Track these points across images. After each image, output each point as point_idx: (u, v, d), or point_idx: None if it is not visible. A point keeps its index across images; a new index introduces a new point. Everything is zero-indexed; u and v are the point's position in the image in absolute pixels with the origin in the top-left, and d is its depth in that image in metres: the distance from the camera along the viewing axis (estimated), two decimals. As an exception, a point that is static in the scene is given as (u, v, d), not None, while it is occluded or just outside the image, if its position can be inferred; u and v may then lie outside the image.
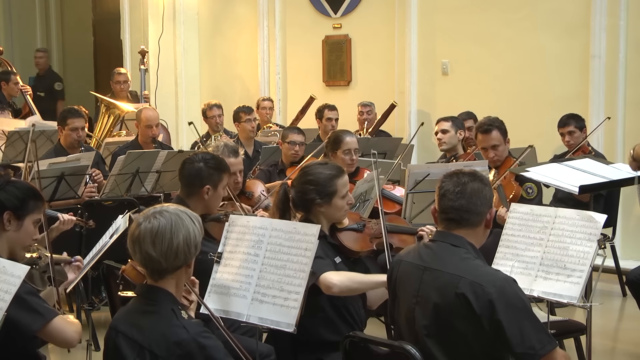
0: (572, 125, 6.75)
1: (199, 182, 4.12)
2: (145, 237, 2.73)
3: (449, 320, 2.92)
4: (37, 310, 3.13)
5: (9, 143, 6.68)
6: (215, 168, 4.16)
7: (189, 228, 2.77)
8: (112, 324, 2.84)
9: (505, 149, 5.45)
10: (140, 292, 2.85)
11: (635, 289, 5.10)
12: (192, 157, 4.24)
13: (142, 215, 2.79)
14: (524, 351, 2.83)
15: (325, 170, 3.74)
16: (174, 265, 2.76)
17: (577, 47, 7.60)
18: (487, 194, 3.06)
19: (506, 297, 2.85)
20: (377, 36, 9.01)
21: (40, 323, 3.13)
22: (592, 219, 3.53)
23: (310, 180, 3.71)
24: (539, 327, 2.87)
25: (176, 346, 2.67)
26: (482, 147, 5.49)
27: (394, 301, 3.19)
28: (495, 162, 5.40)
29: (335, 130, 5.90)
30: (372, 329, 3.88)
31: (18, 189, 3.33)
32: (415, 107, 8.69)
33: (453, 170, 3.12)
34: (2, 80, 8.86)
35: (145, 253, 2.74)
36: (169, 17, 10.40)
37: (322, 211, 3.69)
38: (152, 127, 7.04)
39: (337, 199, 3.69)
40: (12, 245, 3.31)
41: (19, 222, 3.30)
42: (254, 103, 8.82)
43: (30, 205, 3.33)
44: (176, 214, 2.77)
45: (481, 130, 5.46)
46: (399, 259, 3.22)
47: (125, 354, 2.72)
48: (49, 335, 3.19)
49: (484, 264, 3.02)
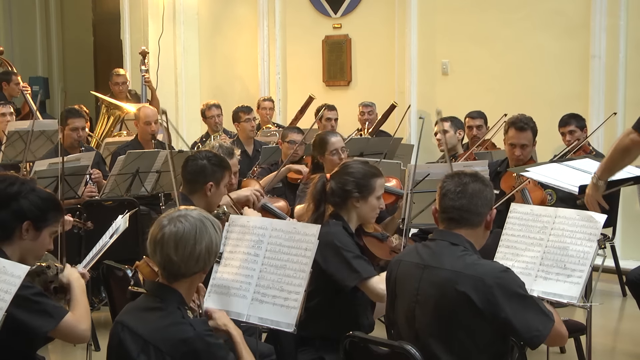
0: (573, 124, 6.76)
1: (202, 178, 4.23)
2: (169, 240, 2.73)
3: (449, 316, 2.94)
4: (47, 311, 3.11)
5: (9, 143, 6.69)
6: (218, 165, 4.28)
7: (212, 236, 2.78)
8: (117, 319, 2.84)
9: (532, 151, 5.45)
10: (150, 290, 2.86)
11: (635, 289, 5.10)
12: (196, 155, 4.36)
13: (166, 217, 2.79)
14: (531, 335, 2.91)
15: (366, 167, 3.84)
16: (192, 271, 2.78)
17: (577, 47, 7.60)
18: (487, 195, 3.10)
19: (506, 287, 2.91)
20: (377, 36, 9.01)
21: (53, 324, 3.11)
22: (592, 219, 3.53)
23: (351, 173, 3.78)
24: (538, 310, 2.94)
25: (182, 343, 2.67)
26: (510, 142, 5.46)
27: (392, 302, 3.20)
28: (519, 161, 5.38)
29: (318, 133, 5.87)
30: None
31: (41, 199, 3.23)
32: (415, 107, 8.69)
33: (455, 171, 3.19)
34: (3, 81, 8.86)
35: (167, 256, 2.74)
36: (169, 17, 10.40)
37: (357, 207, 3.75)
38: (151, 123, 7.10)
39: (373, 198, 3.77)
40: (25, 253, 3.23)
41: (36, 233, 3.21)
42: (254, 103, 8.82)
43: (50, 217, 3.25)
44: (200, 220, 2.78)
45: (517, 126, 5.43)
46: (399, 259, 3.24)
47: (130, 348, 2.72)
48: (61, 334, 3.18)
49: (481, 258, 3.05)
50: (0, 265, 2.97)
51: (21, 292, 2.96)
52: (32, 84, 10.58)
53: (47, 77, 12.82)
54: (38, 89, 11.13)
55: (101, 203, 6.02)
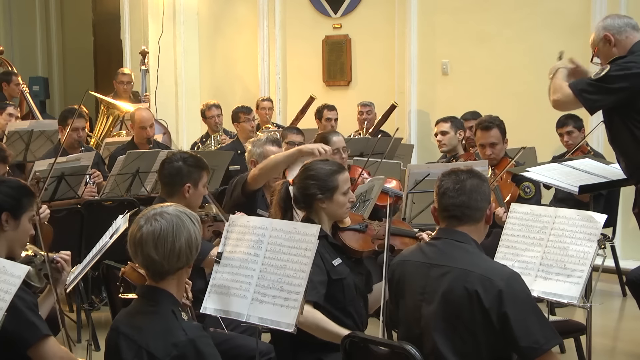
0: (571, 125, 6.77)
1: (179, 180, 4.20)
2: (148, 240, 2.73)
3: (456, 315, 2.95)
4: (34, 324, 3.09)
5: (9, 143, 6.68)
6: (194, 166, 4.23)
7: (190, 230, 2.77)
8: (113, 325, 2.84)
9: (503, 148, 5.48)
10: (142, 293, 2.85)
11: (635, 289, 5.09)
12: (171, 157, 4.32)
13: (143, 216, 2.78)
14: (528, 345, 2.87)
15: (326, 166, 3.76)
16: (175, 267, 2.77)
17: (577, 47, 7.58)
18: (485, 190, 3.12)
19: (514, 291, 2.90)
20: (377, 36, 9.01)
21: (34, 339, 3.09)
22: (592, 219, 3.52)
23: (311, 176, 3.72)
24: (544, 323, 2.92)
25: (173, 347, 2.66)
26: (480, 143, 5.52)
27: (396, 303, 3.20)
28: (492, 160, 5.42)
29: (320, 132, 5.87)
30: (372, 329, 3.88)
31: (12, 189, 3.33)
32: (415, 107, 8.69)
33: (450, 169, 3.17)
34: (3, 81, 8.85)
35: (147, 256, 2.73)
36: (169, 17, 10.39)
37: (324, 207, 3.70)
38: (146, 127, 6.97)
39: (338, 195, 3.71)
40: (11, 244, 3.32)
41: (16, 222, 3.30)
42: (254, 103, 8.82)
43: (25, 202, 3.34)
44: (177, 216, 2.77)
45: (481, 127, 5.49)
46: (402, 259, 3.23)
47: (125, 355, 2.72)
48: (38, 355, 3.12)
49: (490, 259, 3.07)
50: (0, 265, 2.98)
51: (15, 300, 2.95)
52: (32, 84, 10.58)
53: (47, 77, 12.81)
54: (38, 89, 11.16)
55: (101, 203, 6.01)
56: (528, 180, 5.07)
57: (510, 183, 5.24)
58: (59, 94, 13.55)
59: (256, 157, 5.07)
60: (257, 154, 5.07)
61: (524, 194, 5.19)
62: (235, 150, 7.21)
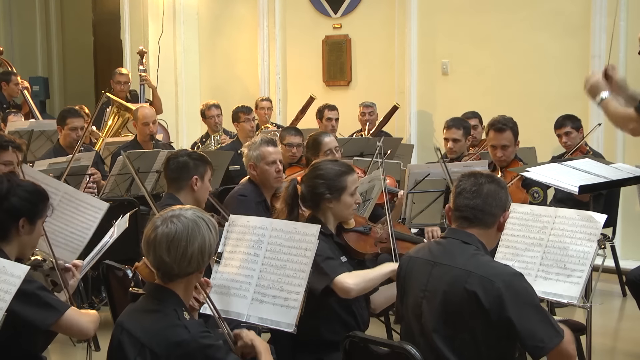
0: (569, 126, 6.77)
1: (186, 174, 4.32)
2: (161, 242, 2.71)
3: (456, 314, 2.96)
4: (50, 304, 3.15)
5: (9, 143, 6.67)
6: (199, 160, 4.39)
7: (205, 236, 2.75)
8: (118, 321, 2.84)
9: (514, 151, 5.44)
10: (148, 291, 2.85)
11: (635, 289, 5.10)
12: (175, 154, 4.48)
13: (160, 217, 2.77)
14: (534, 344, 2.90)
15: (336, 167, 3.78)
16: (185, 272, 2.76)
17: (577, 47, 7.60)
18: (502, 197, 3.12)
19: (515, 292, 2.91)
20: (377, 36, 9.01)
21: (55, 317, 3.15)
22: (592, 219, 3.53)
23: (320, 175, 3.73)
24: (547, 321, 2.93)
25: (176, 346, 2.66)
26: (491, 144, 5.45)
27: (402, 298, 3.20)
28: (502, 162, 5.39)
29: (311, 134, 5.86)
30: (372, 329, 3.88)
31: (29, 193, 3.30)
32: (416, 107, 8.69)
33: (472, 171, 3.19)
34: (3, 81, 8.87)
35: (159, 257, 2.73)
36: (169, 17, 10.40)
37: (331, 207, 3.71)
38: (149, 124, 7.06)
39: (346, 196, 3.72)
40: (23, 248, 3.31)
41: (31, 227, 3.29)
42: (254, 103, 8.82)
43: (41, 208, 3.33)
44: (194, 220, 2.75)
45: (495, 128, 5.43)
46: (409, 255, 3.25)
47: (128, 351, 2.72)
48: (64, 327, 3.21)
49: (493, 260, 3.07)
50: (0, 265, 2.97)
51: (24, 287, 2.98)
52: (32, 84, 10.57)
53: (47, 77, 12.81)
54: (38, 89, 11.15)
55: (101, 203, 6.00)
56: (537, 185, 5.05)
57: (521, 189, 5.19)
58: (59, 94, 13.55)
59: (253, 160, 5.06)
60: (254, 157, 5.07)
61: (532, 199, 5.16)
62: (235, 150, 7.20)
